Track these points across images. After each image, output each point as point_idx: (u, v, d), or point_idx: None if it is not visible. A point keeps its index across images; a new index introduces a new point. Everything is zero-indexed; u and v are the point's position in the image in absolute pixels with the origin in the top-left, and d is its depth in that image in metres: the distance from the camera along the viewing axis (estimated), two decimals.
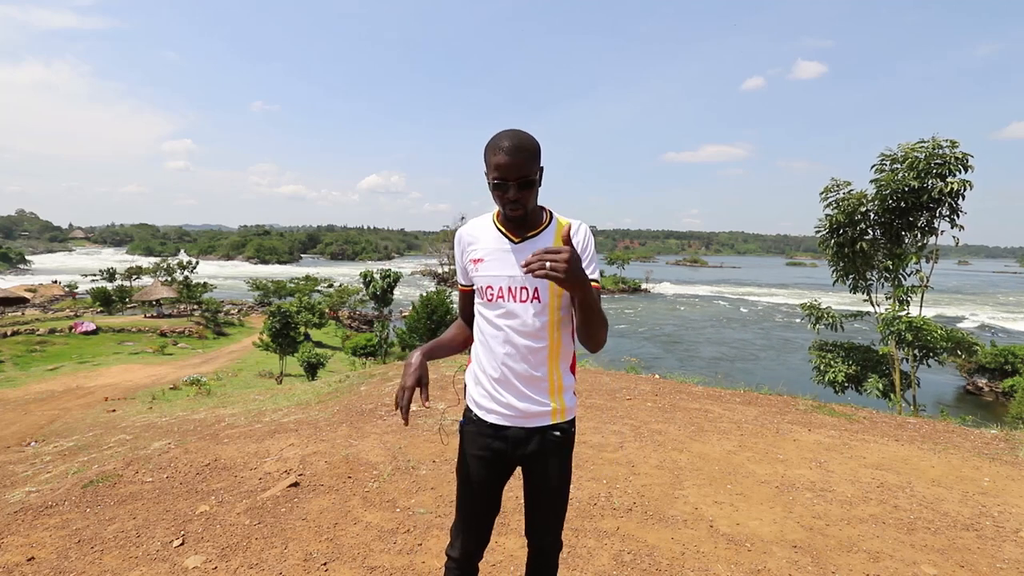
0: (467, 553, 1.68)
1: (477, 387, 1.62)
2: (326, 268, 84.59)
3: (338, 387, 7.73)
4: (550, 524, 1.66)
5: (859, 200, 8.86)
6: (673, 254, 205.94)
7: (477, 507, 1.65)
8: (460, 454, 1.67)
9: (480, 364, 1.61)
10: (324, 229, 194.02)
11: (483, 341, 1.60)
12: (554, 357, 1.56)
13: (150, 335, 30.83)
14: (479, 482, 1.62)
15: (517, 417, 1.56)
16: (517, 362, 1.54)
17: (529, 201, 1.48)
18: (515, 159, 1.40)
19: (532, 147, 1.43)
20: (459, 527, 1.68)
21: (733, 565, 2.54)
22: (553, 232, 1.56)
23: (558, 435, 1.58)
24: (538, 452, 1.57)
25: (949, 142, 8.11)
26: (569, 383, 1.61)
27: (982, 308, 59.59)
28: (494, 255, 1.55)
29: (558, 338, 1.56)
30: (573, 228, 1.52)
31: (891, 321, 8.47)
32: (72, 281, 53.64)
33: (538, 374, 1.55)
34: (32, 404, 13.35)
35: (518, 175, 1.41)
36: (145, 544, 2.71)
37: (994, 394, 24.79)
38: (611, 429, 4.55)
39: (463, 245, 1.63)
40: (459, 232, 1.65)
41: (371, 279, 37.14)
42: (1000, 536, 2.86)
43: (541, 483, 1.62)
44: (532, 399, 1.55)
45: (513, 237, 1.55)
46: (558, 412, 1.57)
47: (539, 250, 1.30)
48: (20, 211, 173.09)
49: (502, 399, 1.56)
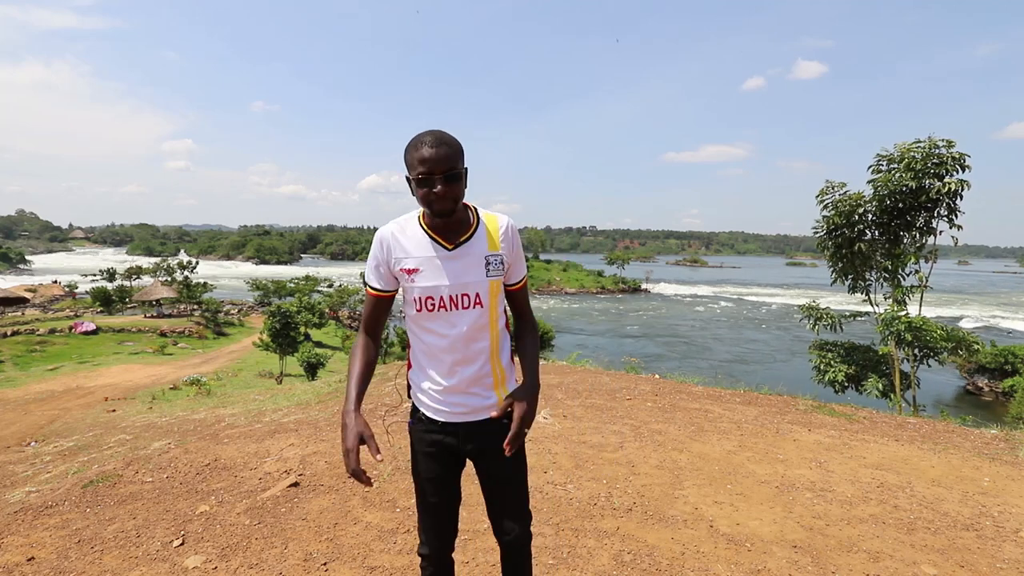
0: (437, 548, 1.68)
1: (424, 394, 1.62)
2: (326, 268, 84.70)
3: (338, 387, 7.73)
4: (515, 513, 1.66)
5: (857, 201, 8.86)
6: (673, 254, 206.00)
7: (437, 500, 1.65)
8: (413, 453, 1.68)
9: (425, 372, 1.61)
10: (324, 229, 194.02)
11: (426, 351, 1.58)
12: (495, 352, 1.59)
13: (150, 335, 30.83)
14: (435, 477, 1.63)
15: (466, 413, 1.59)
16: (464, 366, 1.55)
17: (458, 197, 1.45)
18: (439, 151, 1.39)
19: (455, 143, 1.44)
20: (425, 524, 1.68)
21: (733, 565, 2.54)
22: (484, 232, 1.55)
23: (506, 422, 1.59)
24: (490, 445, 1.60)
25: (946, 142, 8.11)
26: (511, 374, 1.66)
27: (982, 308, 59.60)
28: (429, 264, 1.51)
29: (497, 334, 1.59)
30: (501, 225, 1.56)
31: (891, 321, 8.47)
32: (72, 281, 53.62)
33: (484, 371, 1.58)
34: (32, 404, 13.35)
35: (444, 167, 1.39)
36: (145, 544, 2.71)
37: (994, 394, 24.80)
38: (611, 429, 4.55)
39: (388, 251, 1.54)
40: (382, 234, 1.55)
41: None
42: (1000, 536, 2.86)
43: (497, 472, 1.64)
44: (479, 395, 1.58)
45: (446, 244, 1.51)
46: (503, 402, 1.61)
47: (509, 446, 1.47)
48: (20, 211, 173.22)
49: (451, 399, 1.58)
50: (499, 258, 1.54)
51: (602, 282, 79.58)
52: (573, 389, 6.12)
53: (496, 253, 1.54)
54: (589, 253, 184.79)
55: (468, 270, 1.51)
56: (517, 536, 1.67)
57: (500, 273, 1.55)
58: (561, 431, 4.47)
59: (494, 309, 1.56)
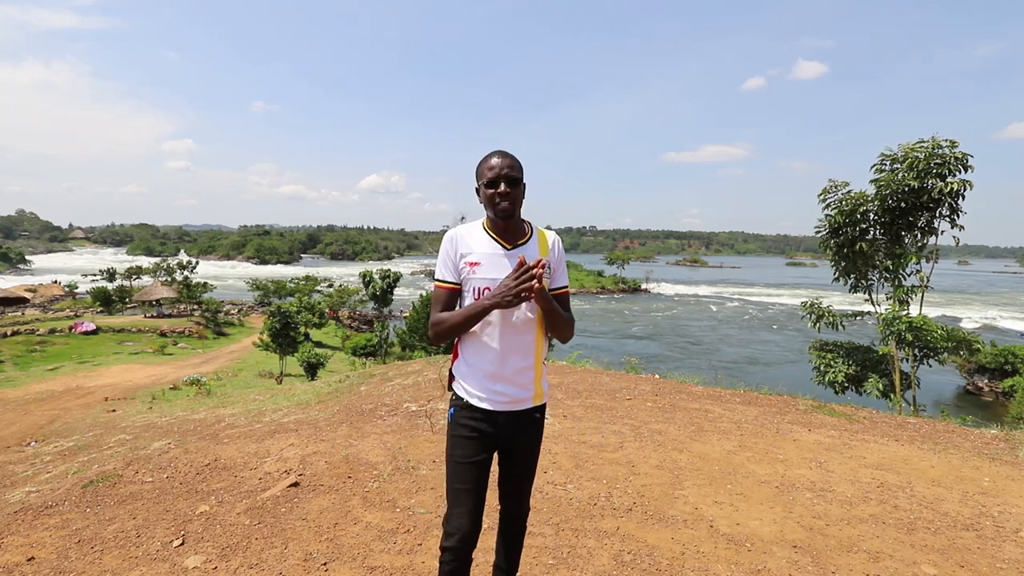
0: (466, 537, 1.76)
1: (470, 379, 1.78)
2: (326, 268, 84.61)
3: (338, 387, 7.73)
4: (525, 492, 1.92)
5: (859, 200, 8.85)
6: (673, 254, 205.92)
7: (471, 486, 1.77)
8: (451, 440, 1.81)
9: (472, 359, 1.78)
10: (324, 229, 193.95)
11: (476, 338, 1.76)
12: (538, 349, 1.80)
13: (150, 335, 30.83)
14: (471, 462, 1.76)
15: (507, 403, 1.76)
16: (510, 356, 1.74)
17: (517, 199, 1.73)
18: (505, 160, 1.71)
19: (517, 159, 1.74)
20: (456, 512, 1.77)
21: (733, 565, 2.54)
22: (536, 241, 1.82)
23: (538, 416, 1.85)
24: (522, 432, 1.82)
25: (949, 142, 8.10)
26: (545, 371, 1.87)
27: (982, 308, 59.59)
28: (490, 259, 1.75)
29: (540, 333, 1.80)
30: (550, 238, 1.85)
31: (891, 321, 8.47)
32: (72, 281, 53.62)
33: (526, 364, 1.77)
34: (32, 404, 13.35)
35: (507, 173, 1.70)
36: (145, 544, 2.71)
37: (994, 394, 24.80)
38: (611, 429, 4.55)
39: (456, 246, 1.78)
40: (451, 233, 1.80)
41: (371, 279, 37.13)
42: (1000, 536, 2.86)
43: (521, 458, 1.86)
44: (521, 386, 1.77)
45: (505, 243, 1.77)
46: (538, 396, 1.82)
47: (523, 270, 1.62)
48: (20, 211, 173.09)
49: (496, 388, 1.75)
50: (547, 263, 1.74)
51: (602, 282, 79.56)
52: (573, 389, 6.12)
53: (546, 259, 1.74)
54: (589, 253, 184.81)
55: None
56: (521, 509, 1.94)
57: (548, 276, 1.77)
58: (561, 431, 4.47)
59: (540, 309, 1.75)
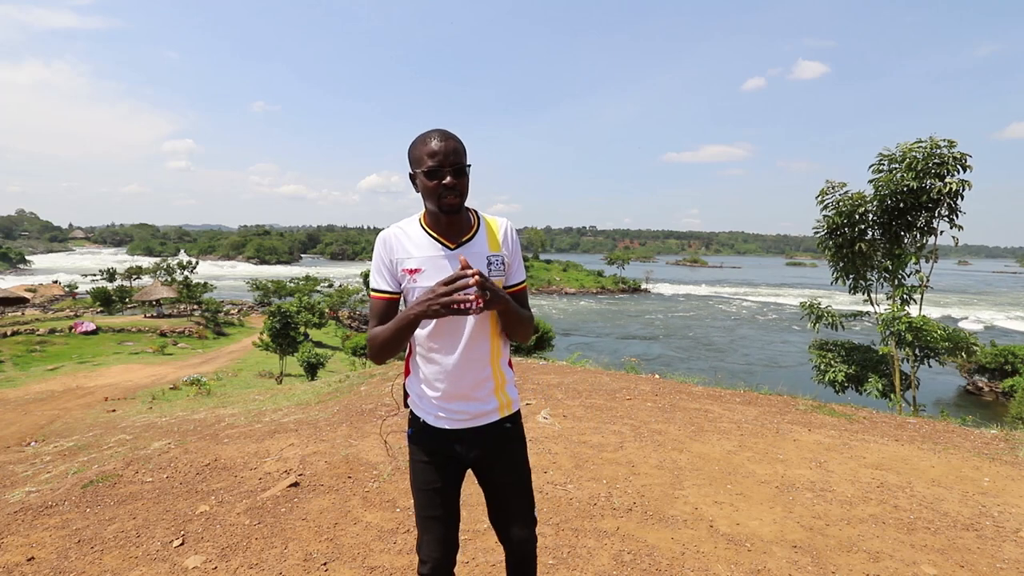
0: (439, 564, 1.61)
1: (423, 398, 1.59)
2: (326, 268, 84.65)
3: (338, 387, 7.73)
4: (519, 519, 1.64)
5: (857, 201, 8.86)
6: (673, 254, 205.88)
7: (440, 513, 1.60)
8: (413, 465, 1.64)
9: (424, 377, 1.57)
10: (324, 229, 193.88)
11: (424, 355, 1.56)
12: (495, 357, 1.58)
13: (150, 335, 30.82)
14: (436, 488, 1.59)
15: (468, 419, 1.56)
16: (464, 370, 1.53)
17: (464, 191, 1.46)
18: (448, 144, 1.42)
19: (460, 139, 1.46)
20: (426, 539, 1.61)
21: (733, 565, 2.54)
22: (485, 234, 1.56)
23: (509, 426, 1.62)
24: (493, 448, 1.60)
25: (947, 142, 8.10)
26: (510, 377, 1.65)
27: (982, 308, 59.60)
28: (431, 263, 1.49)
29: (497, 337, 1.58)
30: (501, 227, 1.58)
31: (891, 321, 8.47)
32: (72, 281, 53.61)
33: (484, 375, 1.56)
34: (32, 404, 13.35)
35: (453, 160, 1.42)
36: (145, 544, 2.71)
37: (994, 394, 24.78)
38: (611, 429, 4.55)
39: (391, 252, 1.52)
40: (385, 235, 1.54)
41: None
42: (1000, 536, 2.86)
43: (500, 477, 1.63)
44: (480, 400, 1.56)
45: (448, 243, 1.51)
46: (504, 406, 1.61)
47: (452, 277, 1.35)
48: (20, 211, 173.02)
49: (452, 406, 1.55)
50: (500, 258, 1.55)
51: (602, 282, 79.54)
52: (573, 389, 6.12)
53: (497, 254, 1.54)
54: (589, 253, 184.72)
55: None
56: (522, 541, 1.65)
57: (501, 274, 1.55)
58: (561, 431, 4.47)
59: (494, 314, 1.53)
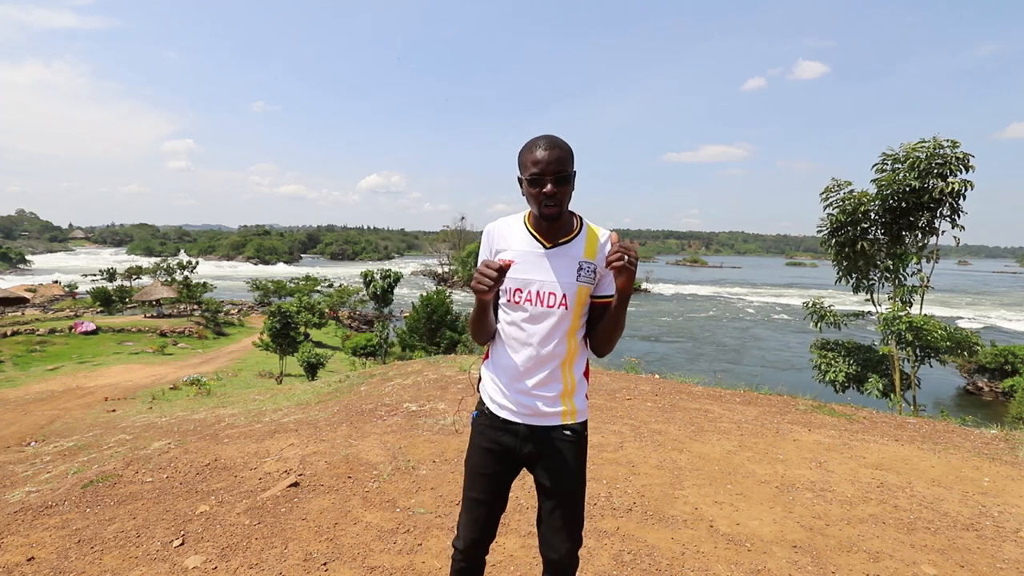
0: (473, 544, 1.68)
1: (492, 383, 1.65)
2: (326, 268, 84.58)
3: (338, 387, 7.73)
4: (564, 532, 1.59)
5: (860, 200, 8.85)
6: (673, 254, 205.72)
7: (483, 497, 1.66)
8: (470, 445, 1.70)
9: (499, 362, 1.63)
10: (324, 229, 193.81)
11: (504, 341, 1.61)
12: (569, 361, 1.60)
13: (150, 335, 30.82)
14: (487, 474, 1.64)
15: (529, 415, 1.59)
16: (537, 364, 1.57)
17: (565, 198, 1.50)
18: (551, 153, 1.45)
19: (567, 147, 1.49)
20: (465, 518, 1.69)
21: (733, 565, 2.54)
22: (584, 239, 1.58)
23: (569, 435, 1.60)
24: (548, 451, 1.60)
25: (950, 142, 8.10)
26: (582, 387, 1.64)
27: (982, 308, 59.58)
28: (525, 258, 1.55)
29: (575, 344, 1.60)
30: (601, 237, 1.59)
31: (892, 320, 8.47)
32: (72, 281, 53.59)
33: (554, 376, 1.58)
34: (32, 404, 13.35)
35: (555, 170, 1.45)
36: (145, 544, 2.71)
37: (994, 394, 24.77)
38: (611, 429, 4.55)
39: (493, 243, 1.61)
40: (490, 227, 1.63)
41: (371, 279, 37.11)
42: (1000, 536, 2.86)
43: (551, 484, 1.60)
44: (545, 399, 1.58)
45: (545, 242, 1.56)
46: (568, 414, 1.60)
47: (622, 242, 1.40)
48: (20, 211, 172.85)
49: (516, 397, 1.59)
50: (592, 266, 1.57)
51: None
52: None
53: (590, 261, 1.56)
54: None
55: (561, 270, 1.55)
56: (563, 557, 1.61)
57: (591, 281, 1.57)
58: None
59: (577, 317, 1.57)
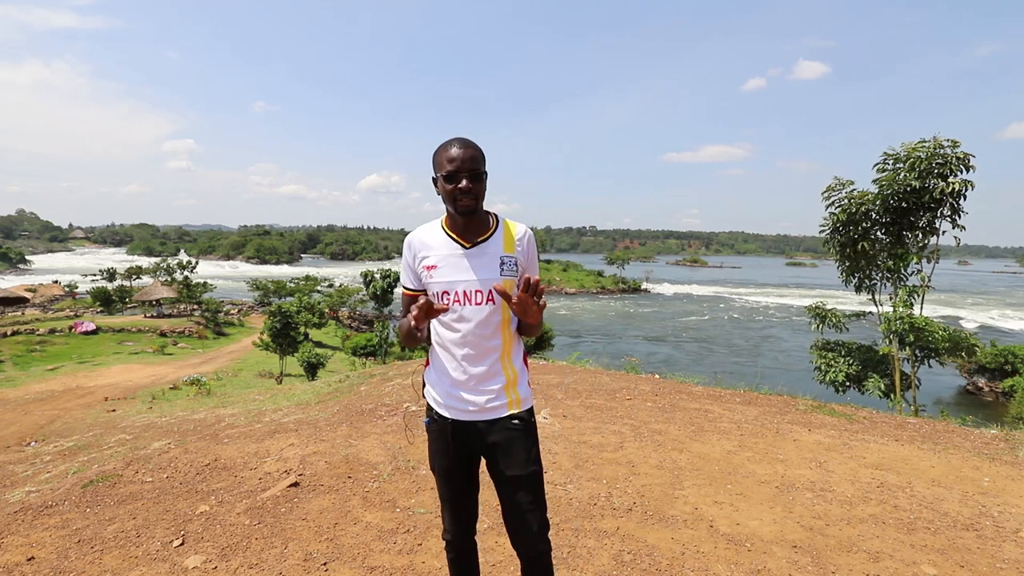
0: (460, 529, 1.79)
1: (437, 388, 1.72)
2: (326, 268, 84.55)
3: (338, 387, 7.74)
4: (530, 515, 1.65)
5: (861, 200, 8.85)
6: (673, 254, 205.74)
7: (455, 494, 1.76)
8: (430, 451, 1.79)
9: (439, 366, 1.71)
10: (324, 229, 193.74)
11: (440, 344, 1.69)
12: (507, 353, 1.68)
13: (150, 335, 30.83)
14: (452, 473, 1.73)
15: (477, 412, 1.66)
16: (475, 362, 1.64)
17: (480, 194, 1.58)
18: (466, 152, 1.55)
19: (479, 148, 1.59)
20: (446, 514, 1.80)
21: (733, 565, 2.54)
22: (502, 236, 1.66)
23: (517, 423, 1.68)
24: (501, 441, 1.66)
25: (951, 142, 8.10)
26: (523, 376, 1.73)
27: (982, 308, 59.58)
28: (447, 261, 1.63)
29: (509, 335, 1.68)
30: (518, 231, 1.68)
31: (893, 321, 8.47)
32: (72, 281, 53.60)
33: (494, 370, 1.66)
34: (32, 404, 13.36)
35: (470, 167, 1.54)
36: (145, 544, 2.71)
37: (994, 394, 24.78)
38: (611, 429, 4.55)
39: (414, 251, 1.68)
40: (409, 238, 1.71)
41: (371, 279, 37.13)
42: (1000, 536, 2.86)
43: (509, 472, 1.65)
44: (489, 393, 1.66)
45: (464, 242, 1.63)
46: (514, 403, 1.68)
47: (521, 295, 1.45)
48: (20, 211, 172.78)
49: (461, 397, 1.66)
50: (513, 259, 1.64)
51: (602, 282, 79.46)
52: (573, 389, 6.12)
53: (511, 255, 1.64)
54: (589, 253, 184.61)
55: (483, 268, 1.61)
56: (532, 545, 1.66)
57: (514, 274, 1.64)
58: (561, 431, 4.47)
59: (507, 310, 1.63)
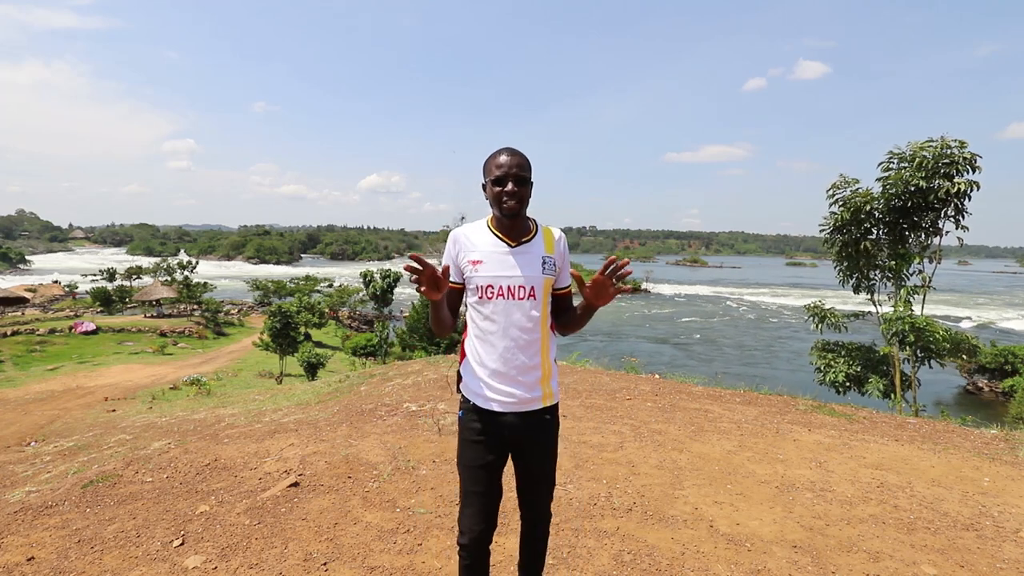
0: (477, 535, 1.77)
1: (475, 379, 1.77)
2: (326, 268, 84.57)
3: (338, 387, 7.74)
4: (542, 496, 1.87)
5: (865, 199, 8.82)
6: (673, 254, 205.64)
7: (483, 489, 1.77)
8: (460, 442, 1.82)
9: (478, 358, 1.76)
10: (324, 229, 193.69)
11: (481, 336, 1.76)
12: (545, 348, 1.77)
13: (150, 335, 30.83)
14: (481, 465, 1.76)
15: (514, 404, 1.73)
16: (515, 354, 1.72)
17: (524, 198, 1.71)
18: (513, 159, 1.69)
19: (525, 156, 1.73)
20: (468, 512, 1.78)
21: (733, 565, 2.54)
22: (542, 238, 1.80)
23: (548, 418, 1.81)
24: (532, 434, 1.78)
25: (957, 142, 8.07)
26: (555, 372, 1.84)
27: (982, 308, 59.57)
28: (492, 257, 1.73)
29: (547, 331, 1.78)
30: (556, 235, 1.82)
31: (893, 321, 8.46)
32: (72, 281, 53.60)
33: (533, 364, 1.74)
34: (32, 404, 13.36)
35: (516, 173, 1.68)
36: (145, 544, 2.71)
37: (994, 394, 24.78)
38: (611, 429, 4.55)
39: (459, 246, 1.77)
40: (456, 233, 1.80)
41: (371, 279, 37.16)
42: (1000, 536, 2.86)
43: (534, 463, 1.82)
44: (527, 386, 1.74)
45: (509, 241, 1.75)
46: (547, 397, 1.79)
47: (599, 277, 1.62)
48: (20, 211, 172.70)
49: (501, 388, 1.73)
50: (553, 260, 1.78)
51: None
52: (573, 389, 6.12)
53: (551, 256, 1.78)
54: (589, 253, 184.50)
55: (527, 265, 1.73)
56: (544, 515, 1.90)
57: (553, 274, 1.78)
58: (561, 431, 4.45)
59: (546, 306, 1.76)
